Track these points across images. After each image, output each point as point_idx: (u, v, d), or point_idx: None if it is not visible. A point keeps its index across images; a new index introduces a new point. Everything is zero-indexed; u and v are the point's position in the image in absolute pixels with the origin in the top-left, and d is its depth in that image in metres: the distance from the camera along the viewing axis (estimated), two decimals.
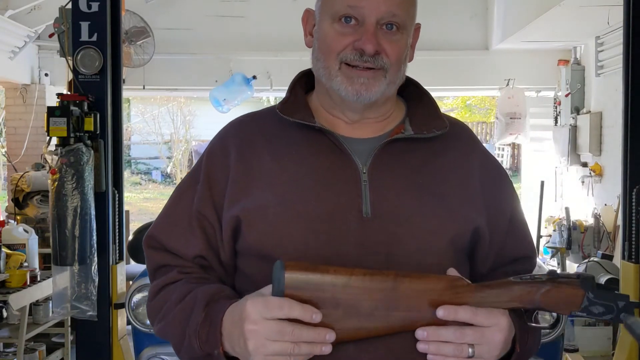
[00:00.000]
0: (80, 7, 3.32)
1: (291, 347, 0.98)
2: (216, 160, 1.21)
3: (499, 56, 6.59)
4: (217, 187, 1.18)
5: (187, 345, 1.10)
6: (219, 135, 1.26)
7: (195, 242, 1.18)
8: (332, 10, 1.15)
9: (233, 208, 1.15)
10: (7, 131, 6.88)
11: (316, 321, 0.98)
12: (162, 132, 18.10)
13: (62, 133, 3.14)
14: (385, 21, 1.13)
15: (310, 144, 1.18)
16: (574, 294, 1.04)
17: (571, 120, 6.17)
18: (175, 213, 1.23)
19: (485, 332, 1.03)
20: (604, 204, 5.54)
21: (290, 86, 1.27)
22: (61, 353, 4.52)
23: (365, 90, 1.14)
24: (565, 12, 4.93)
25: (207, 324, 1.06)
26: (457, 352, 1.03)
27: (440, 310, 1.03)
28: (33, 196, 5.15)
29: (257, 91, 6.77)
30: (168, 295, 1.16)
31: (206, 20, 6.66)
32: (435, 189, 1.17)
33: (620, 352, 3.19)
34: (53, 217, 3.16)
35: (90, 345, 3.39)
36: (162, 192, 16.75)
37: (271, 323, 0.98)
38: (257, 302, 1.00)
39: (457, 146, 1.24)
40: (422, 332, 1.03)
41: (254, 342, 0.98)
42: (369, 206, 1.13)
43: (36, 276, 4.10)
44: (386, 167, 1.16)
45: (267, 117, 1.25)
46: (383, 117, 1.23)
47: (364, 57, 1.13)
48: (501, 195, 1.25)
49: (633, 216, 3.12)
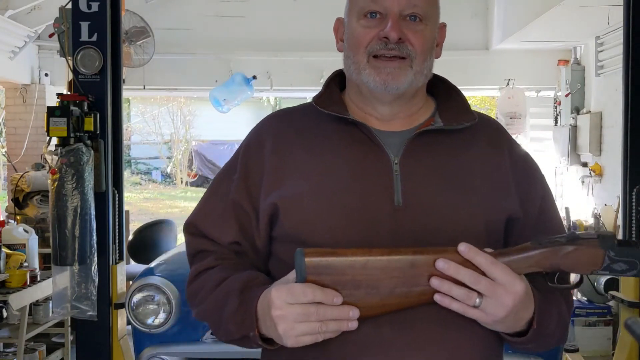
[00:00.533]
0: (80, 7, 3.32)
1: (318, 326, 1.04)
2: (252, 152, 1.28)
3: (499, 56, 6.59)
4: (253, 178, 1.25)
5: (224, 328, 1.18)
6: (255, 130, 1.33)
7: (231, 229, 1.25)
8: (357, 8, 1.22)
9: (270, 197, 1.21)
10: (7, 131, 6.88)
11: (337, 303, 1.04)
12: (162, 132, 18.11)
13: (62, 133, 3.13)
14: (407, 12, 1.19)
15: (343, 136, 1.23)
16: (594, 254, 1.05)
17: (571, 120, 6.17)
18: (212, 202, 1.30)
19: (497, 288, 1.06)
20: (604, 204, 5.53)
21: (325, 83, 1.33)
22: (61, 353, 4.52)
23: (393, 79, 1.19)
24: (565, 12, 4.93)
25: (242, 310, 1.13)
26: (465, 297, 1.06)
27: (462, 245, 1.06)
28: (33, 196, 5.15)
29: (257, 91, 6.77)
30: (205, 281, 1.23)
31: (206, 20, 6.66)
32: (465, 179, 1.20)
33: (620, 352, 3.19)
34: (53, 217, 3.16)
35: (90, 345, 3.39)
36: (162, 192, 16.76)
37: (296, 307, 1.04)
38: (281, 290, 1.06)
39: (486, 138, 1.27)
40: (444, 263, 1.06)
41: (283, 326, 1.05)
42: (400, 196, 1.17)
43: (36, 276, 4.10)
44: (417, 158, 1.20)
45: (301, 112, 1.32)
46: (412, 111, 1.27)
47: (389, 44, 1.18)
48: (531, 183, 1.28)
49: (633, 216, 3.12)
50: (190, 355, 2.83)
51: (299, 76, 6.79)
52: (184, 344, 2.82)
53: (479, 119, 1.27)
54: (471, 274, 1.05)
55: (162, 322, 2.82)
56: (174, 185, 17.82)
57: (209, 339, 2.79)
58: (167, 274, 2.93)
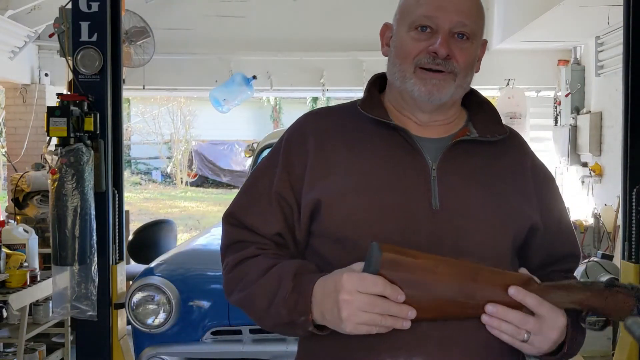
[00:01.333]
0: (80, 7, 3.32)
1: (379, 319, 1.11)
2: (295, 147, 1.32)
3: (499, 56, 6.59)
4: (296, 171, 1.30)
5: (273, 313, 1.21)
6: (297, 125, 1.38)
7: (275, 220, 1.29)
8: (410, 20, 1.28)
9: (312, 191, 1.26)
10: (7, 131, 6.88)
11: (400, 301, 1.10)
12: (162, 132, 18.11)
13: (62, 133, 3.13)
14: (457, 30, 1.26)
15: (384, 140, 1.29)
16: (627, 303, 1.16)
17: (571, 120, 6.18)
18: (254, 193, 1.34)
19: (544, 325, 1.15)
20: (604, 204, 5.54)
21: (367, 87, 1.38)
22: (61, 353, 4.52)
23: (437, 90, 1.26)
24: (565, 12, 4.93)
25: (296, 293, 1.18)
26: (514, 333, 1.15)
27: (512, 289, 1.14)
28: (33, 196, 5.15)
29: (257, 91, 6.77)
30: (250, 267, 1.27)
31: (206, 20, 6.66)
32: (497, 187, 1.28)
33: (620, 352, 3.19)
34: (53, 217, 3.16)
35: (90, 345, 3.39)
36: (162, 192, 16.75)
37: (364, 296, 1.10)
38: (353, 277, 1.12)
39: (513, 150, 1.37)
40: (493, 307, 1.14)
41: (347, 311, 1.11)
42: (437, 200, 1.24)
43: (36, 276, 4.10)
44: (453, 165, 1.28)
45: (343, 112, 1.37)
46: (449, 120, 1.34)
47: (437, 60, 1.25)
48: (551, 196, 1.38)
49: (633, 216, 3.12)
50: (190, 355, 2.83)
51: (299, 76, 6.79)
52: (184, 344, 2.82)
53: (509, 133, 1.36)
54: (519, 315, 1.14)
55: (162, 322, 2.82)
56: (174, 185, 17.81)
57: (209, 339, 2.79)
58: (167, 274, 2.93)
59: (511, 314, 1.14)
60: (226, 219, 1.36)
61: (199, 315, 2.81)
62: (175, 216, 11.86)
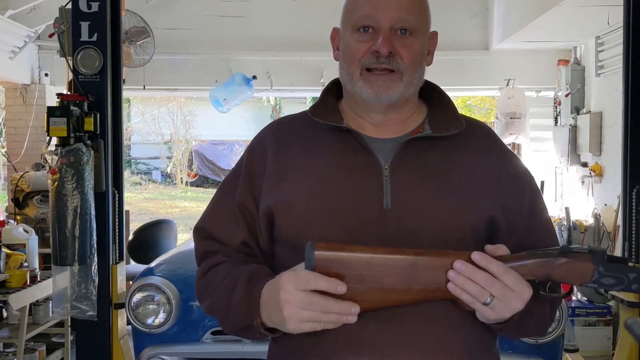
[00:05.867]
0: (80, 7, 3.32)
1: (320, 315, 1.12)
2: (256, 156, 1.35)
3: (499, 56, 6.59)
4: (256, 181, 1.32)
5: (231, 318, 1.25)
6: (259, 135, 1.41)
7: (239, 230, 1.32)
8: (352, 22, 1.29)
9: (267, 199, 1.29)
10: (7, 131, 6.88)
11: (341, 293, 1.11)
12: (162, 132, 18.11)
13: (62, 133, 3.14)
14: (398, 26, 1.25)
15: (338, 144, 1.31)
16: (584, 268, 1.12)
17: (571, 120, 6.17)
18: (220, 205, 1.37)
19: (509, 293, 1.13)
20: (604, 204, 5.53)
21: (322, 93, 1.39)
22: (61, 353, 4.52)
23: (384, 91, 1.26)
24: (565, 12, 4.93)
25: (247, 298, 1.21)
26: (477, 294, 1.13)
27: (476, 254, 1.13)
28: (33, 196, 5.15)
29: (257, 91, 6.76)
30: (214, 274, 1.31)
31: (206, 20, 6.66)
32: (452, 184, 1.27)
33: (620, 352, 3.20)
34: (53, 217, 3.16)
35: (90, 345, 3.39)
36: (162, 192, 16.76)
37: (302, 294, 1.12)
38: (290, 276, 1.15)
39: (476, 144, 1.34)
40: (461, 265, 1.13)
41: (288, 310, 1.13)
42: (389, 199, 1.24)
43: (36, 276, 4.10)
44: (406, 163, 1.27)
45: (302, 120, 1.38)
46: (404, 118, 1.34)
47: (380, 59, 1.25)
48: (519, 190, 1.33)
49: (633, 216, 3.12)
50: (190, 355, 2.83)
51: (299, 76, 6.79)
52: (184, 344, 2.82)
53: (469, 126, 1.34)
54: (486, 277, 1.12)
55: (162, 322, 2.82)
56: (174, 185, 17.82)
57: (209, 339, 2.79)
58: (167, 274, 2.93)
59: (480, 274, 1.12)
60: (196, 232, 1.38)
61: (198, 315, 2.81)
62: (175, 216, 11.87)
